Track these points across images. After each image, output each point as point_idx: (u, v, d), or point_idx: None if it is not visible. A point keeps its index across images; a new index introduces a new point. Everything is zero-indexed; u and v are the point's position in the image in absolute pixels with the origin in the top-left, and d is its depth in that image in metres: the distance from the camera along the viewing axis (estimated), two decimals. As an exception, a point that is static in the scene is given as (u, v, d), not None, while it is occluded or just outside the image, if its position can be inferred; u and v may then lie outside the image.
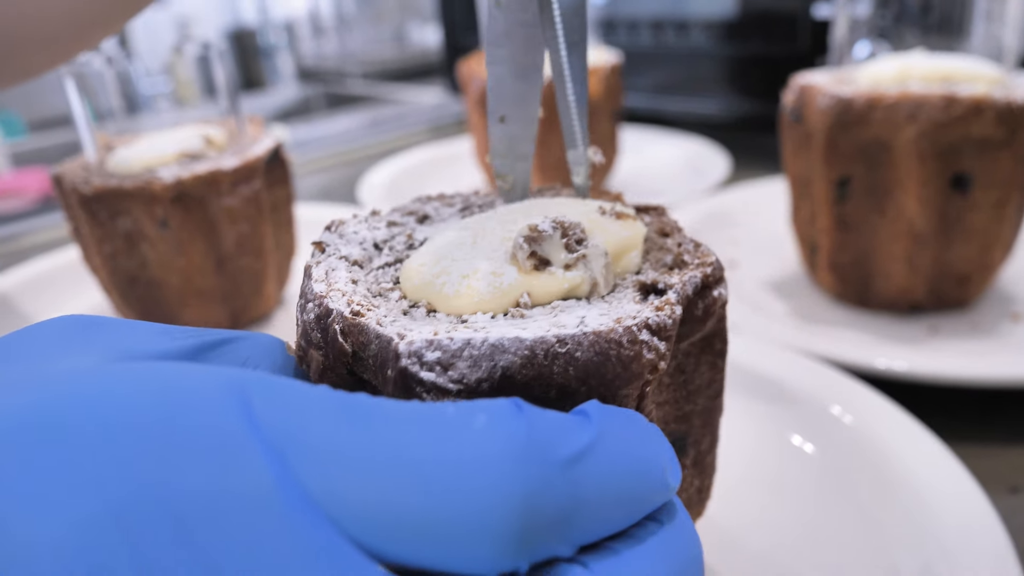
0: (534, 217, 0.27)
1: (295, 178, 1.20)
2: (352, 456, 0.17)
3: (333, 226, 0.31)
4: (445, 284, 0.25)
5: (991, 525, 0.35)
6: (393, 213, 0.32)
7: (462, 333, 0.22)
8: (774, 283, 0.69)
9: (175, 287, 0.61)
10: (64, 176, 0.60)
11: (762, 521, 0.39)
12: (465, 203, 0.34)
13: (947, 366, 0.50)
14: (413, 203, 0.34)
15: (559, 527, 0.18)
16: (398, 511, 0.16)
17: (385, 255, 0.29)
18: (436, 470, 0.17)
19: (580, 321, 0.23)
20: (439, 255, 0.26)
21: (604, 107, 0.90)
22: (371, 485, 0.16)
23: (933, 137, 0.54)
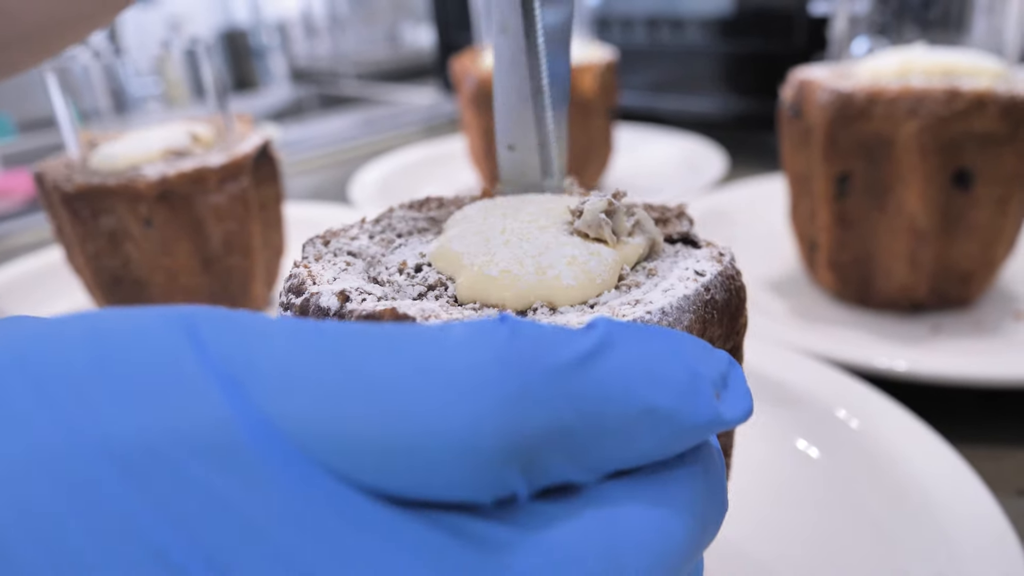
0: (564, 202, 0.28)
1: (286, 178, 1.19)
2: (317, 378, 0.15)
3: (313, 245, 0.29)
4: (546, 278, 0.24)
5: (1002, 532, 0.34)
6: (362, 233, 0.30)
7: (638, 309, 0.23)
8: (773, 282, 0.68)
9: (160, 287, 0.60)
10: (46, 174, 0.59)
11: (766, 528, 0.38)
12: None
13: (950, 366, 0.49)
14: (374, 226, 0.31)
15: (562, 445, 0.16)
16: (372, 434, 0.14)
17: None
18: (407, 385, 0.15)
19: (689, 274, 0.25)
20: (500, 264, 0.24)
21: (599, 105, 0.89)
22: (340, 408, 0.15)
23: (935, 132, 0.53)
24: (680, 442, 0.17)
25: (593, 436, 0.16)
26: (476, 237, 0.26)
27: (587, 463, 0.16)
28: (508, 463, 0.15)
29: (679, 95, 1.12)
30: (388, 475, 0.15)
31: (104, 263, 0.59)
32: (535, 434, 0.15)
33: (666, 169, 1.02)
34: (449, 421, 0.15)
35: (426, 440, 0.15)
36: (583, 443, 0.16)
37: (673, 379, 0.17)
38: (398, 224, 0.30)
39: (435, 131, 1.41)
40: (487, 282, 0.24)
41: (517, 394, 0.15)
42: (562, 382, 0.16)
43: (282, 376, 0.15)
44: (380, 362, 0.15)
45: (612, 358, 0.16)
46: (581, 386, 0.16)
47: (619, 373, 0.16)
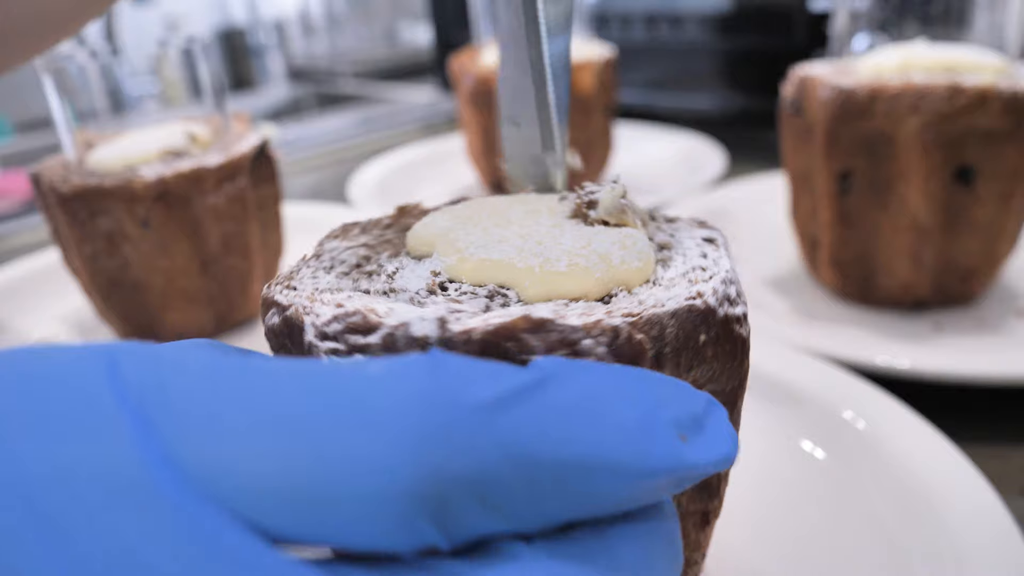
0: (544, 201, 0.27)
1: (284, 177, 1.19)
2: (227, 418, 0.14)
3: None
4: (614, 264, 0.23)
5: (1009, 532, 0.34)
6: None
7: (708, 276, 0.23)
8: (774, 280, 0.67)
9: (158, 289, 0.59)
10: (42, 175, 0.58)
11: (770, 531, 0.38)
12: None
13: (952, 363, 0.48)
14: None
15: (484, 493, 0.14)
16: (277, 478, 0.14)
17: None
18: (317, 424, 0.14)
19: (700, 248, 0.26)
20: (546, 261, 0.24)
21: (598, 102, 0.88)
22: (248, 450, 0.14)
23: (937, 128, 0.53)
24: (628, 491, 0.15)
25: (521, 484, 0.14)
26: (500, 244, 0.25)
27: (514, 516, 0.15)
28: (421, 509, 0.14)
29: (678, 92, 1.11)
30: (295, 521, 0.14)
31: (101, 265, 0.59)
32: (453, 479, 0.14)
33: (666, 167, 1.02)
34: (358, 463, 0.14)
35: (333, 484, 0.14)
36: (509, 492, 0.14)
37: (619, 420, 0.15)
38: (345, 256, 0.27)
39: (433, 130, 1.40)
40: (558, 278, 0.23)
41: (432, 433, 0.14)
42: (485, 422, 0.14)
43: (193, 415, 0.14)
44: (292, 401, 0.14)
45: (548, 396, 0.15)
46: (507, 427, 0.14)
47: (554, 413, 0.15)
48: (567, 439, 0.14)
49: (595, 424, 0.15)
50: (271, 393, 0.15)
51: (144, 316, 0.61)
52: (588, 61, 0.86)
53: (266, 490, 0.14)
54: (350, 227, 0.29)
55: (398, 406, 0.14)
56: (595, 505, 0.15)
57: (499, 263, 0.23)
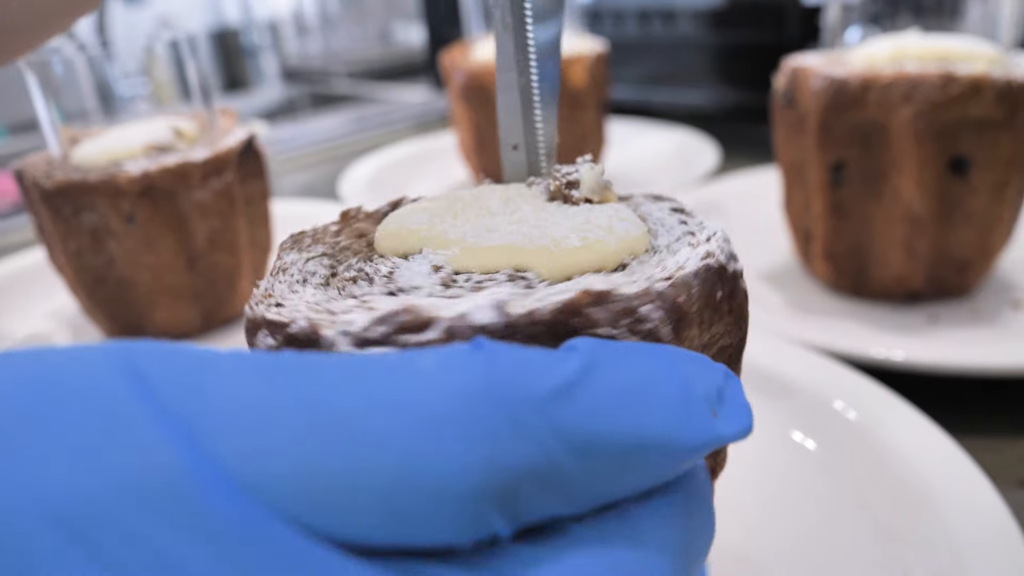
0: (512, 190, 0.27)
1: (277, 176, 1.18)
2: (272, 415, 0.13)
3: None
4: (621, 234, 0.24)
5: (1004, 523, 0.33)
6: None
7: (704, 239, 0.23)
8: (768, 274, 0.67)
9: (144, 286, 0.59)
10: (25, 171, 0.57)
11: (761, 523, 0.37)
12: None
13: (948, 355, 0.48)
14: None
15: (548, 481, 0.14)
16: (336, 477, 0.13)
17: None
18: (374, 420, 0.13)
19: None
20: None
21: (590, 98, 0.88)
22: (299, 448, 0.13)
23: (930, 118, 0.52)
24: (675, 467, 0.16)
25: (581, 470, 0.15)
26: (495, 232, 0.24)
27: (575, 498, 0.15)
28: (490, 503, 0.14)
29: (671, 88, 1.11)
30: (355, 522, 0.13)
31: (86, 261, 0.58)
32: (521, 471, 0.14)
33: (659, 162, 1.01)
34: (424, 460, 0.13)
35: (398, 483, 0.13)
36: (571, 478, 0.15)
37: (666, 401, 0.16)
38: (311, 267, 0.25)
39: (426, 128, 1.40)
40: (578, 254, 0.22)
41: (501, 429, 0.14)
42: (547, 413, 0.14)
43: (234, 415, 0.13)
44: (342, 395, 0.14)
45: (598, 382, 0.15)
46: (568, 416, 0.14)
47: (607, 399, 0.15)
48: (622, 423, 0.15)
49: (644, 406, 0.15)
50: (318, 386, 0.14)
51: (130, 313, 0.60)
52: (580, 56, 0.85)
53: (319, 490, 0.13)
54: (300, 237, 0.28)
55: (460, 401, 0.14)
56: (645, 482, 0.16)
57: (510, 248, 0.23)
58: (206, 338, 0.63)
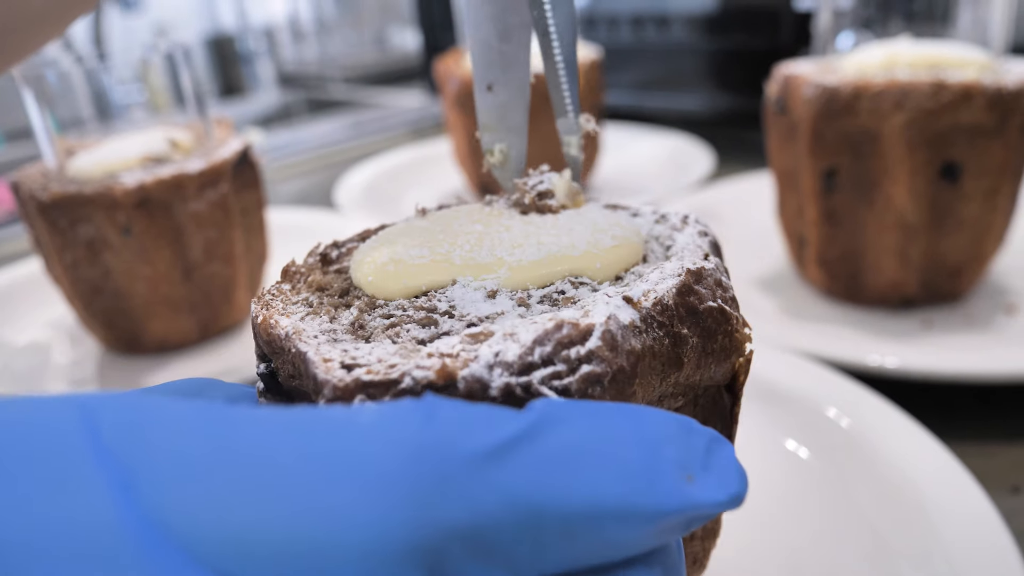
0: (479, 211, 0.27)
1: (272, 183, 1.18)
2: (208, 471, 0.13)
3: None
4: (631, 235, 0.25)
5: (995, 530, 0.33)
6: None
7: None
8: (761, 280, 0.67)
9: (140, 297, 0.59)
10: (22, 183, 0.57)
11: (754, 533, 0.37)
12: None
13: (941, 361, 0.48)
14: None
15: (484, 546, 0.14)
16: (265, 536, 0.13)
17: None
18: (306, 479, 0.13)
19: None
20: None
21: (584, 103, 0.88)
22: (232, 506, 0.13)
23: (922, 125, 0.52)
24: (635, 536, 0.15)
25: (522, 534, 0.14)
26: (517, 248, 0.24)
27: (516, 566, 0.14)
28: (417, 565, 0.13)
29: (666, 93, 1.11)
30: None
31: (82, 273, 0.58)
32: (449, 531, 0.13)
33: (653, 167, 1.02)
34: (350, 519, 0.13)
35: (324, 542, 0.13)
36: (510, 543, 0.14)
37: (624, 464, 0.14)
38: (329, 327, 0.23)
39: (422, 134, 1.40)
40: (619, 253, 0.23)
41: (429, 486, 0.13)
42: (482, 471, 0.14)
43: (174, 470, 0.13)
44: (279, 453, 0.14)
45: (546, 442, 0.14)
46: (506, 476, 0.14)
47: (555, 459, 0.14)
48: (569, 485, 0.14)
49: (597, 468, 0.14)
50: (256, 444, 0.14)
51: (126, 324, 0.60)
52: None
53: (249, 548, 0.13)
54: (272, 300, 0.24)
55: (390, 456, 0.13)
56: (601, 552, 0.15)
57: (558, 258, 0.23)
58: (203, 348, 0.63)
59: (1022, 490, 0.42)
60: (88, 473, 0.13)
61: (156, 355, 0.62)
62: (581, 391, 0.18)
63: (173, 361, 0.61)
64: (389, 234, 0.26)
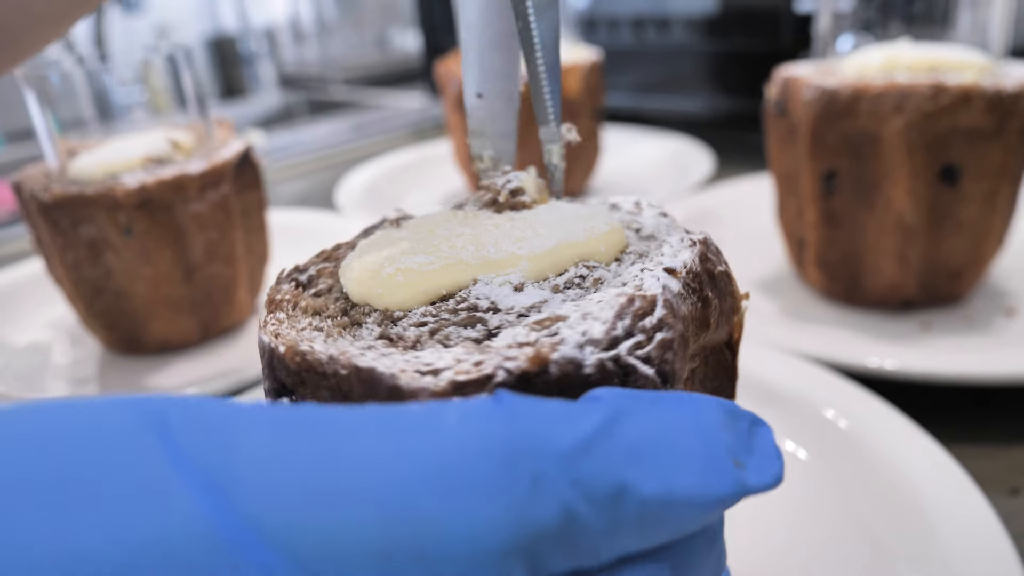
0: (455, 216, 0.27)
1: (273, 184, 1.19)
2: (304, 477, 0.13)
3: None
4: (615, 223, 0.26)
5: (994, 533, 0.33)
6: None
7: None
8: (761, 282, 0.67)
9: (142, 297, 0.59)
10: (23, 184, 0.58)
11: (751, 535, 0.37)
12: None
13: (941, 364, 0.48)
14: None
15: (572, 537, 0.14)
16: (367, 540, 0.13)
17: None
18: (403, 483, 0.14)
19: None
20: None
21: (585, 105, 0.88)
22: (325, 512, 0.13)
23: (921, 127, 0.52)
24: (698, 521, 0.16)
25: (605, 525, 0.14)
26: (519, 243, 0.24)
27: (599, 552, 0.15)
28: (514, 560, 0.14)
29: (666, 95, 1.11)
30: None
31: (84, 273, 0.58)
32: (544, 528, 0.14)
33: (653, 170, 1.02)
34: (453, 523, 0.13)
35: (424, 546, 0.13)
36: (595, 532, 0.14)
37: (690, 454, 0.15)
38: (308, 335, 0.23)
39: (423, 135, 1.40)
40: (613, 237, 0.25)
41: (523, 486, 0.14)
42: (569, 467, 0.14)
43: (265, 476, 0.13)
44: (371, 456, 0.14)
45: (621, 435, 0.15)
46: (590, 470, 0.14)
47: (630, 452, 0.15)
48: (647, 476, 0.15)
49: (668, 460, 0.15)
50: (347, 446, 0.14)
51: (128, 325, 0.60)
52: (574, 65, 0.86)
53: (349, 549, 0.13)
54: (280, 329, 0.24)
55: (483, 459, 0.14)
56: (669, 534, 0.16)
57: (567, 245, 0.24)
58: (204, 349, 0.63)
59: (1021, 492, 0.42)
60: (170, 480, 0.13)
61: (157, 356, 0.62)
62: (659, 357, 0.20)
63: (174, 362, 0.62)
64: (373, 247, 0.26)
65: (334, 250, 0.28)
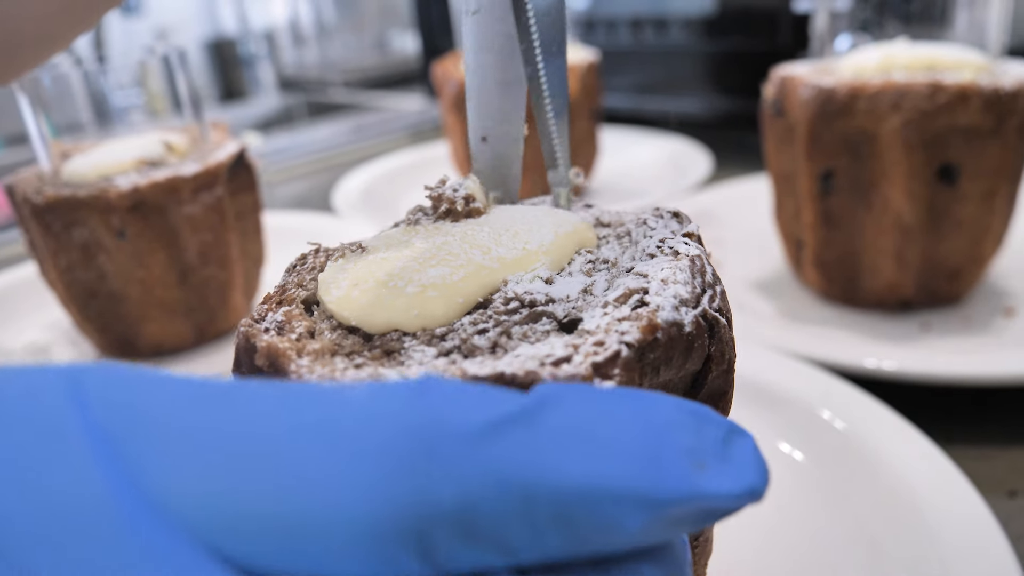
0: (411, 234, 0.27)
1: (272, 186, 1.18)
2: (200, 444, 0.13)
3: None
4: (581, 222, 0.28)
5: (991, 534, 0.33)
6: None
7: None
8: (759, 283, 0.67)
9: (135, 300, 0.59)
10: (16, 187, 0.57)
11: (747, 537, 0.37)
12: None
13: (939, 364, 0.48)
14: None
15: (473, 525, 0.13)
16: (250, 505, 0.13)
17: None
18: (296, 452, 0.13)
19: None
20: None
21: (582, 106, 0.88)
22: (213, 473, 0.13)
23: (918, 126, 0.52)
24: (638, 525, 0.14)
25: (514, 515, 0.13)
26: (513, 240, 0.25)
27: (509, 549, 0.14)
28: (403, 542, 0.13)
29: (664, 96, 1.11)
30: (267, 552, 0.13)
31: (77, 276, 0.58)
32: (435, 508, 0.13)
33: (652, 171, 1.01)
34: (331, 490, 0.13)
35: (305, 512, 0.13)
36: (501, 524, 0.13)
37: (624, 445, 0.14)
38: (322, 362, 0.22)
39: (421, 137, 1.40)
40: (591, 228, 0.26)
41: (415, 461, 0.13)
42: (472, 448, 0.13)
43: (164, 442, 0.13)
44: (270, 426, 0.14)
45: (544, 421, 0.14)
46: (497, 453, 0.13)
47: (550, 438, 0.14)
48: (562, 465, 0.13)
49: (596, 449, 0.14)
50: (248, 417, 0.14)
51: (122, 328, 0.60)
52: (572, 65, 0.85)
53: (237, 518, 0.13)
54: (315, 368, 0.22)
55: (377, 431, 0.13)
56: (602, 540, 0.14)
57: (568, 235, 0.26)
58: (199, 352, 0.63)
59: (1019, 494, 0.42)
60: (75, 445, 0.13)
61: (152, 359, 0.62)
62: (725, 307, 0.23)
63: (169, 365, 0.61)
64: (350, 276, 0.25)
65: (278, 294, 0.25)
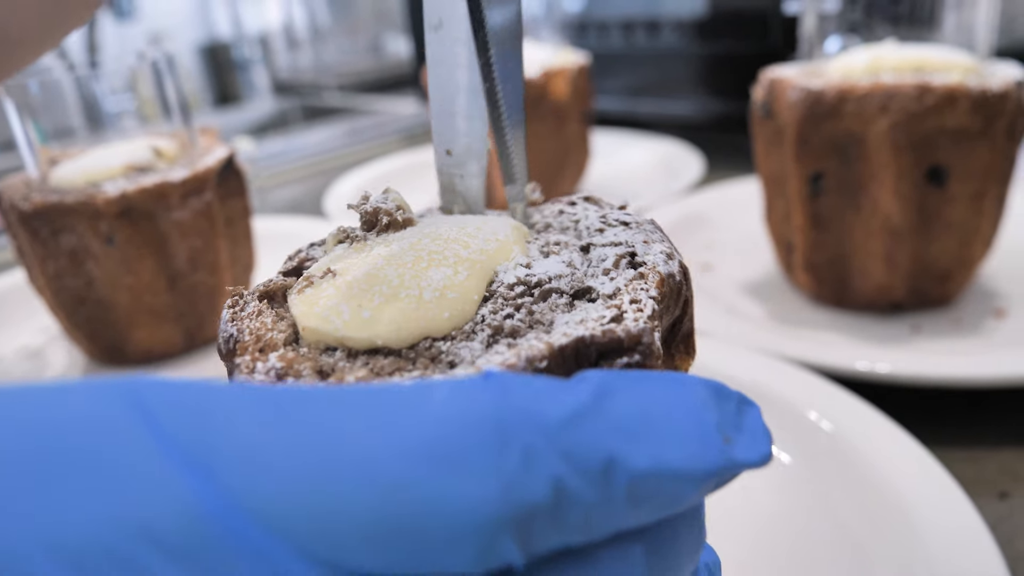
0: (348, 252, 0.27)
1: (266, 190, 1.18)
2: (290, 453, 0.13)
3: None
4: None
5: (980, 538, 0.33)
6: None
7: None
8: (750, 285, 0.67)
9: (124, 306, 0.58)
10: (3, 193, 0.57)
11: (733, 540, 0.37)
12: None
13: (930, 366, 0.47)
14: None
15: (563, 512, 0.14)
16: (357, 515, 0.13)
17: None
18: (392, 458, 0.13)
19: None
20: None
21: (574, 109, 0.88)
22: (320, 487, 0.13)
23: (907, 128, 0.52)
24: (690, 496, 0.16)
25: (596, 500, 0.14)
26: (466, 239, 0.25)
27: (590, 528, 0.15)
28: (505, 534, 0.14)
29: (656, 98, 1.11)
30: (371, 557, 0.13)
31: (66, 283, 0.58)
32: (538, 500, 0.14)
33: (643, 173, 1.01)
34: (439, 495, 0.13)
35: (420, 520, 0.13)
36: (586, 507, 0.14)
37: (679, 429, 0.15)
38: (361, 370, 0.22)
39: (415, 140, 1.40)
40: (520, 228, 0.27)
41: (513, 459, 0.14)
42: (558, 441, 0.14)
43: (250, 454, 0.13)
44: (358, 432, 0.14)
45: (610, 410, 0.15)
46: (580, 444, 0.14)
47: (620, 426, 0.15)
48: (635, 451, 0.15)
49: (657, 434, 0.15)
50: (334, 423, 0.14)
51: (111, 334, 0.60)
52: (562, 68, 0.85)
53: (341, 528, 0.13)
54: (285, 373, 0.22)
55: (474, 434, 0.14)
56: (660, 512, 0.16)
57: (516, 226, 0.27)
58: (188, 358, 0.63)
59: (1010, 496, 0.41)
60: (157, 463, 0.13)
61: (141, 366, 0.62)
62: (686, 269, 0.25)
63: (158, 372, 0.61)
64: (367, 292, 0.24)
65: (255, 343, 0.24)
